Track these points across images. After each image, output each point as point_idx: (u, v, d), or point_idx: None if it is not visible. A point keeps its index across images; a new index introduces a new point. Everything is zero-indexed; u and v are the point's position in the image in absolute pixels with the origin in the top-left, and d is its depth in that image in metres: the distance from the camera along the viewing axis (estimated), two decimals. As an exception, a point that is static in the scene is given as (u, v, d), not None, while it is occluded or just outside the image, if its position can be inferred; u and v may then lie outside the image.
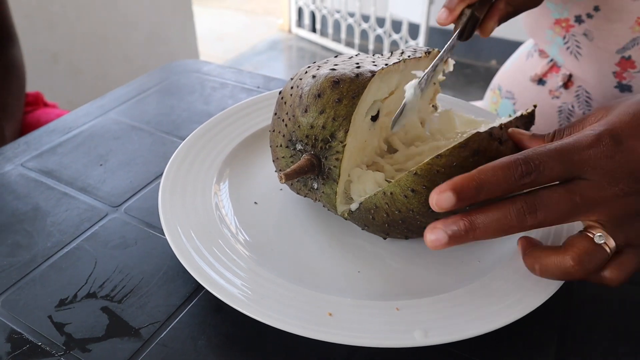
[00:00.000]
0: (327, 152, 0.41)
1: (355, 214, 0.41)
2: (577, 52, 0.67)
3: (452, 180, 0.33)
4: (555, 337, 0.38)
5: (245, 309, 0.36)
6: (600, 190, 0.33)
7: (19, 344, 0.37)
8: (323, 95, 0.40)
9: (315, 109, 0.40)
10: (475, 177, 0.33)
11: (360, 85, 0.40)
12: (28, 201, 0.51)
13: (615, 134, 0.33)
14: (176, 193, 0.46)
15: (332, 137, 0.40)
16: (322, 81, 0.40)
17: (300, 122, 0.41)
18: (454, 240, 0.33)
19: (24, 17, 1.53)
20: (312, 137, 0.41)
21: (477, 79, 2.80)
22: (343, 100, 0.40)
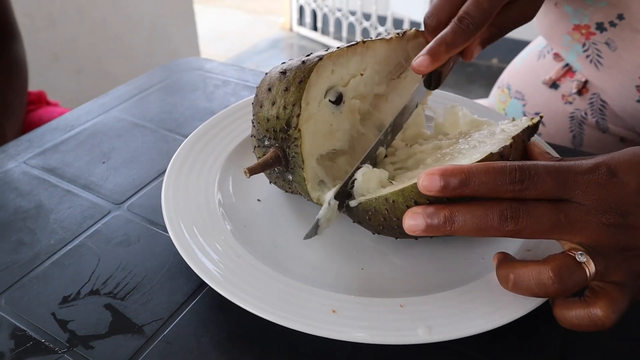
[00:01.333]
0: (288, 142, 0.42)
1: (352, 210, 0.41)
2: (598, 61, 0.64)
3: (444, 166, 0.33)
4: (559, 335, 0.38)
5: (248, 306, 0.35)
6: (586, 215, 0.33)
7: (23, 341, 0.37)
8: (273, 88, 0.41)
9: (268, 102, 0.41)
10: (466, 169, 0.33)
11: (306, 70, 0.41)
12: (31, 199, 0.51)
13: (611, 165, 0.34)
14: (179, 190, 0.46)
15: (288, 125, 0.41)
16: (272, 75, 0.42)
17: (259, 119, 0.42)
18: (430, 229, 0.34)
19: (25, 15, 1.53)
20: (272, 130, 0.42)
21: (479, 78, 2.80)
22: (290, 87, 0.41)
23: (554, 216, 0.33)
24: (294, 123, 0.41)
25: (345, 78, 0.45)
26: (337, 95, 0.44)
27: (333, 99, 0.44)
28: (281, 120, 0.41)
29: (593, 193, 0.33)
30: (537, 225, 0.33)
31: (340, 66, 0.44)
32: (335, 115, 0.44)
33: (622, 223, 0.33)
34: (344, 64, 0.44)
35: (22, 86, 0.97)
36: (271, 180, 0.47)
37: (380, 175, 0.41)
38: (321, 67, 0.42)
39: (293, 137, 0.41)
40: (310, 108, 0.42)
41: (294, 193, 0.47)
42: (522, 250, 0.42)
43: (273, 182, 0.47)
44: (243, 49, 3.30)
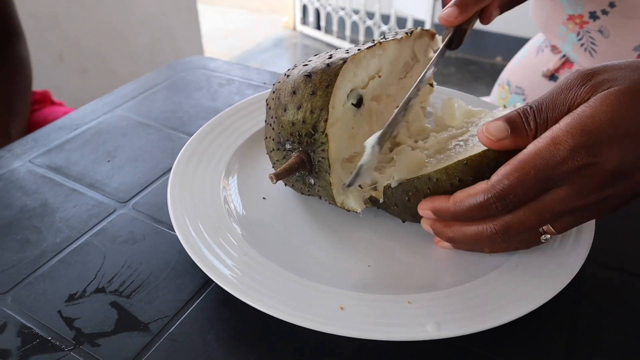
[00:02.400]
0: (314, 146, 0.41)
1: (391, 192, 0.41)
2: (592, 49, 0.65)
3: (433, 205, 0.38)
4: (565, 331, 0.38)
5: (257, 304, 0.35)
6: (569, 202, 0.34)
7: (29, 339, 0.37)
8: (298, 91, 0.40)
9: (293, 106, 0.41)
10: (451, 209, 0.37)
11: (332, 74, 0.40)
12: (37, 197, 0.51)
13: (589, 143, 0.32)
14: (185, 188, 0.46)
15: (314, 130, 0.40)
16: (296, 78, 0.41)
17: (282, 122, 0.41)
18: (436, 233, 0.40)
19: (29, 16, 1.54)
20: (296, 134, 0.41)
21: (483, 76, 2.79)
22: (317, 91, 0.40)
23: (540, 223, 0.36)
24: (322, 128, 0.40)
25: (365, 80, 0.44)
26: (357, 98, 0.43)
27: (355, 101, 0.43)
28: (307, 124, 0.40)
29: (574, 181, 0.33)
30: (523, 242, 0.38)
31: (362, 68, 0.44)
32: (356, 118, 0.44)
33: (601, 198, 0.34)
34: (364, 66, 0.44)
35: (26, 86, 0.97)
36: (287, 183, 0.47)
37: (420, 157, 0.41)
38: (345, 70, 0.41)
39: (320, 142, 0.40)
40: (336, 112, 0.41)
41: (312, 195, 0.46)
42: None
43: (290, 185, 0.47)
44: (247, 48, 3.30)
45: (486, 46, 2.91)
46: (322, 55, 0.43)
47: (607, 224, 0.46)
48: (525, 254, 0.41)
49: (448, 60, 2.96)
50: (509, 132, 0.35)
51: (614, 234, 0.46)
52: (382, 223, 0.46)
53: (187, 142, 0.51)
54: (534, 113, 0.35)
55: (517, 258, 0.41)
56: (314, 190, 0.44)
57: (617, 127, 0.32)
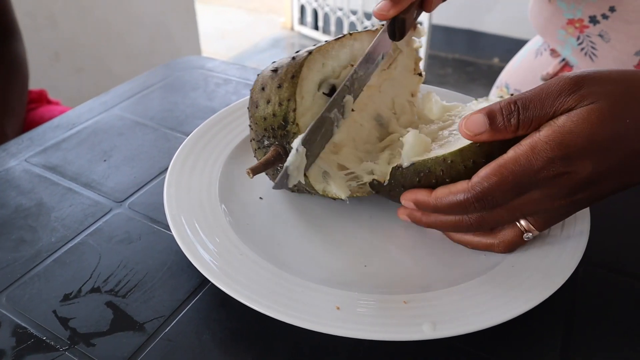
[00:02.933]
0: (288, 138, 0.42)
1: (400, 173, 0.41)
2: (592, 53, 0.65)
3: (416, 197, 0.40)
4: (560, 331, 0.38)
5: (253, 304, 0.35)
6: (542, 204, 0.36)
7: (24, 339, 0.37)
8: (266, 87, 0.42)
9: (263, 101, 0.42)
10: (432, 204, 0.38)
11: (297, 66, 0.41)
12: (32, 196, 0.51)
13: (565, 157, 0.34)
14: (181, 188, 0.46)
15: (285, 122, 0.41)
16: (264, 74, 0.43)
17: (256, 119, 0.43)
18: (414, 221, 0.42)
19: (25, 14, 1.53)
20: (270, 128, 0.42)
21: (479, 77, 2.80)
22: (283, 84, 0.41)
23: (514, 218, 0.38)
24: (291, 118, 0.41)
25: (337, 70, 0.45)
26: (330, 88, 0.44)
27: (327, 91, 0.44)
28: (278, 117, 0.41)
29: (548, 187, 0.35)
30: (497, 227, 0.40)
31: (331, 59, 0.44)
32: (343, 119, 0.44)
33: (570, 201, 0.36)
34: (334, 57, 0.45)
35: (22, 85, 0.97)
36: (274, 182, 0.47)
37: (427, 140, 0.42)
38: (311, 60, 0.42)
39: (292, 133, 0.41)
40: (305, 102, 0.42)
41: (300, 192, 0.46)
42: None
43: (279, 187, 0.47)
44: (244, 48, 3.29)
45: (483, 47, 2.92)
46: (292, 53, 0.45)
47: (602, 224, 0.46)
48: (520, 255, 0.41)
49: (445, 61, 2.97)
50: (488, 126, 0.36)
51: (609, 235, 0.47)
52: (378, 223, 0.46)
53: (184, 141, 0.51)
54: (519, 110, 0.35)
55: (513, 258, 0.41)
56: (299, 183, 0.44)
57: (594, 142, 0.33)
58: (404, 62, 0.51)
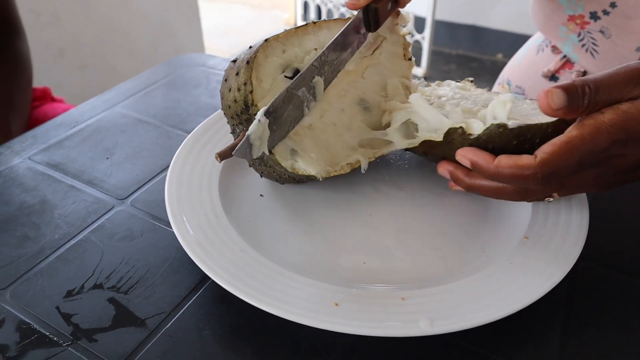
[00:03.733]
0: (249, 122, 0.43)
1: (498, 133, 0.40)
2: (594, 49, 0.65)
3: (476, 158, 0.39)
4: (558, 327, 0.39)
5: (253, 301, 0.36)
6: (590, 181, 0.38)
7: (28, 334, 0.38)
8: (228, 77, 0.44)
9: (226, 91, 0.44)
10: (491, 171, 0.38)
11: (252, 52, 0.43)
12: (36, 194, 0.52)
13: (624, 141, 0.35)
14: (182, 186, 0.46)
15: (246, 105, 0.42)
16: (226, 69, 0.45)
17: (224, 109, 0.45)
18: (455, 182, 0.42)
19: (29, 12, 1.54)
20: (235, 116, 0.44)
21: (483, 73, 2.79)
22: (240, 70, 0.43)
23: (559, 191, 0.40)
24: (250, 100, 0.42)
25: (300, 56, 0.46)
26: (293, 71, 0.45)
27: (289, 74, 0.45)
28: (239, 102, 0.43)
29: (603, 166, 0.37)
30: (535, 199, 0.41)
31: (292, 45, 0.45)
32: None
33: (612, 180, 0.39)
34: (295, 44, 0.46)
35: (26, 82, 0.97)
36: (260, 172, 0.48)
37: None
38: (268, 47, 0.44)
39: (254, 115, 0.42)
40: (264, 85, 0.43)
41: (270, 175, 0.47)
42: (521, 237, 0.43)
43: (265, 176, 0.48)
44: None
45: (487, 43, 2.91)
46: None
47: (600, 221, 0.46)
48: (518, 251, 0.41)
49: (449, 57, 2.96)
50: (566, 103, 0.36)
51: (607, 231, 0.47)
52: (377, 220, 0.46)
53: (185, 140, 0.51)
54: (591, 92, 0.36)
55: (511, 255, 0.41)
56: (270, 167, 0.45)
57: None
58: (390, 49, 0.51)
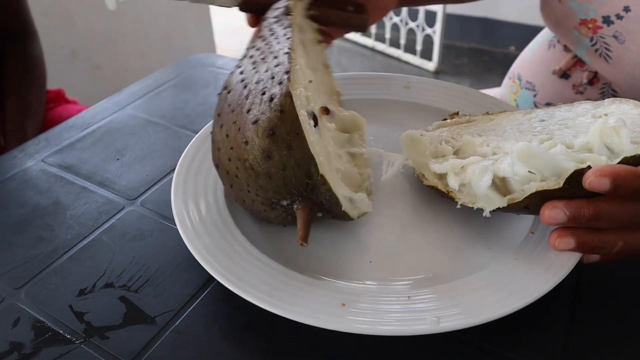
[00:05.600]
0: (315, 190, 0.39)
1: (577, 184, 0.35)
2: (607, 54, 0.62)
3: (618, 170, 0.34)
4: (563, 322, 0.39)
5: (260, 302, 0.36)
6: None
7: (42, 332, 0.39)
8: (273, 154, 0.37)
9: (277, 170, 0.38)
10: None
11: (292, 117, 0.37)
12: (49, 196, 0.53)
13: None
14: (188, 189, 0.46)
15: (309, 178, 0.38)
16: (259, 143, 0.37)
17: (272, 187, 0.39)
18: (572, 221, 0.35)
19: (43, 14, 1.56)
20: (294, 191, 0.39)
21: (496, 66, 2.76)
22: (292, 144, 0.37)
23: None
24: (315, 172, 0.38)
25: (306, 97, 0.41)
26: (312, 117, 0.41)
27: (314, 123, 0.41)
28: (300, 178, 0.38)
29: None
30: None
31: (299, 89, 0.40)
32: (322, 139, 0.42)
33: None
34: (300, 84, 0.41)
35: (40, 85, 0.99)
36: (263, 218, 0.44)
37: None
38: (297, 104, 0.38)
39: (319, 184, 0.39)
40: (314, 148, 0.38)
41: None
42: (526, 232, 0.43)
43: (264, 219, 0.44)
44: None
45: (499, 36, 2.88)
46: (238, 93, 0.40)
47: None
48: (523, 247, 0.41)
49: (460, 50, 2.93)
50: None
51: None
52: (381, 219, 0.46)
53: (190, 142, 0.52)
54: None
55: (516, 251, 0.41)
56: (322, 219, 0.43)
57: None
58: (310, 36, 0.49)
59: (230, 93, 0.42)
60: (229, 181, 0.42)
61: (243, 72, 0.43)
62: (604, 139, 0.37)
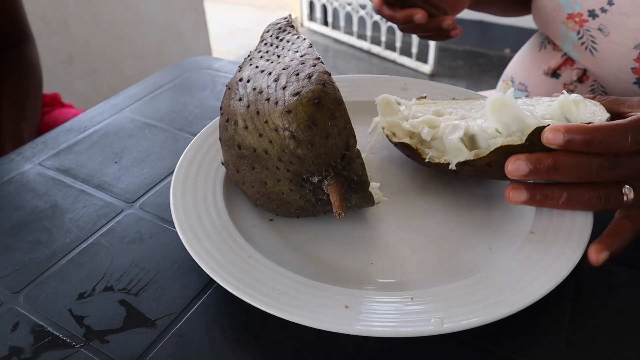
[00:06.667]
0: (349, 164, 0.41)
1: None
2: (593, 47, 0.65)
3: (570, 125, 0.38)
4: (565, 322, 0.39)
5: (262, 305, 0.36)
6: None
7: (41, 336, 0.38)
8: (318, 122, 0.38)
9: (320, 138, 0.39)
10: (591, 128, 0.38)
11: (333, 89, 0.39)
12: (47, 199, 0.52)
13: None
14: (187, 192, 0.46)
15: (347, 149, 0.40)
16: (304, 109, 0.38)
17: (312, 156, 0.39)
18: (534, 173, 0.39)
19: (39, 19, 1.56)
20: (331, 162, 0.40)
21: (491, 68, 2.77)
22: (335, 113, 0.39)
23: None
24: (352, 143, 0.40)
25: None
26: None
27: None
28: (339, 148, 0.39)
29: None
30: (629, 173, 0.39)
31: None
32: None
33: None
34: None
35: (36, 89, 0.99)
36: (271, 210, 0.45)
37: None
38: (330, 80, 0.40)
39: (354, 158, 0.40)
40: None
41: (316, 214, 0.46)
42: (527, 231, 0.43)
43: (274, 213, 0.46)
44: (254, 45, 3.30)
45: (494, 38, 2.89)
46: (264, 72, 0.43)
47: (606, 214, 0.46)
48: (524, 247, 0.41)
49: (456, 53, 2.95)
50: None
51: (616, 226, 0.47)
52: (383, 221, 0.46)
53: (189, 144, 0.52)
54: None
55: (517, 250, 0.41)
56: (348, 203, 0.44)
57: None
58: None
59: (250, 82, 0.43)
60: (253, 161, 0.42)
61: (259, 67, 0.45)
62: (564, 111, 0.42)
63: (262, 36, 0.51)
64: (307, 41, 0.46)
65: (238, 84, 0.44)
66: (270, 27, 0.51)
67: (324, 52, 3.09)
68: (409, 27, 0.64)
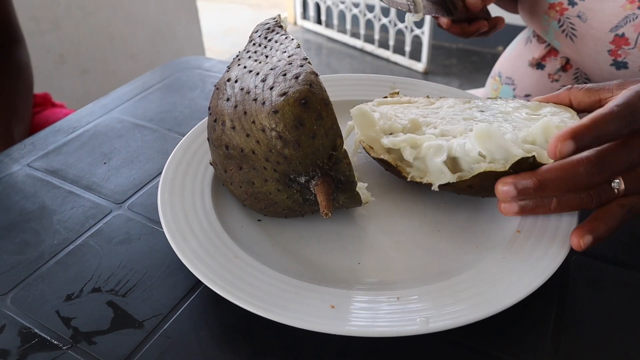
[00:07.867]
0: (336, 165, 0.41)
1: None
2: (572, 34, 0.69)
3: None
4: (551, 320, 0.39)
5: (248, 305, 0.36)
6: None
7: (28, 338, 0.38)
8: (304, 122, 0.38)
9: (307, 138, 0.39)
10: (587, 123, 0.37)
11: (320, 89, 0.39)
12: (35, 200, 0.52)
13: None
14: (175, 193, 0.46)
15: (334, 149, 0.40)
16: (291, 110, 0.38)
17: (299, 157, 0.39)
18: (522, 194, 0.39)
19: (30, 18, 1.55)
20: (318, 162, 0.40)
21: (484, 66, 2.78)
22: (322, 113, 0.39)
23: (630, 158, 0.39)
24: (339, 144, 0.40)
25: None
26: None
27: None
28: (326, 148, 0.40)
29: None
30: (618, 170, 0.39)
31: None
32: None
33: None
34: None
35: (27, 89, 0.98)
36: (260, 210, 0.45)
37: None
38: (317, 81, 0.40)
39: (341, 158, 0.40)
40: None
41: (303, 214, 0.46)
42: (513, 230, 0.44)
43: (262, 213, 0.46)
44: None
45: (487, 36, 2.90)
46: (252, 73, 0.43)
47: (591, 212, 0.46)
48: (511, 246, 0.41)
49: (449, 51, 2.95)
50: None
51: (602, 224, 0.47)
52: (371, 221, 0.46)
53: (177, 145, 0.52)
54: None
55: (504, 249, 0.41)
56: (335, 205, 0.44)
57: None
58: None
59: (237, 82, 0.43)
60: (240, 162, 0.42)
61: (247, 67, 0.45)
62: (547, 135, 0.42)
63: (250, 36, 0.51)
64: (295, 41, 0.46)
65: (226, 84, 0.44)
66: (259, 27, 0.52)
67: (318, 51, 3.09)
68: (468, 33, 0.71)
